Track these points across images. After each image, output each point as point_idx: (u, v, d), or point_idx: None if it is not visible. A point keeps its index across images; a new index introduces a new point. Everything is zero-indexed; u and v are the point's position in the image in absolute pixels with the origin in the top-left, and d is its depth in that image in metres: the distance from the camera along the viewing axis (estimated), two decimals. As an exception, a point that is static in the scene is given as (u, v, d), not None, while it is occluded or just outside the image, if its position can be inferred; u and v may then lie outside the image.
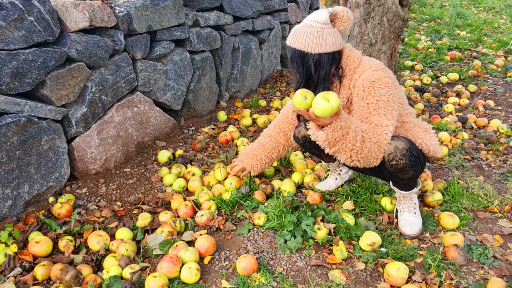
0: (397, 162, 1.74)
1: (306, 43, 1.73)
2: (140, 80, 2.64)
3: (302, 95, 1.62)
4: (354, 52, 1.85)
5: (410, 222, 1.94)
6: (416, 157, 1.75)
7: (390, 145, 1.72)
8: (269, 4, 4.05)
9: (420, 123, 1.93)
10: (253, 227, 2.00)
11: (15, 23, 1.84)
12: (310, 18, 1.76)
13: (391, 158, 1.74)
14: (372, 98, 1.73)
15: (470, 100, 3.72)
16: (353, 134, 1.64)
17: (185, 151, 2.81)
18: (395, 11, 2.74)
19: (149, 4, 2.56)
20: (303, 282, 1.68)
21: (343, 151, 1.68)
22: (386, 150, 1.73)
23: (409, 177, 1.81)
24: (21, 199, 2.02)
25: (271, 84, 4.30)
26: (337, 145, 1.66)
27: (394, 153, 1.73)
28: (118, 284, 1.59)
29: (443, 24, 7.21)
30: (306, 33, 1.73)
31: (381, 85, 1.73)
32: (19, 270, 1.69)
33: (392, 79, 1.80)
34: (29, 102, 1.98)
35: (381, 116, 1.72)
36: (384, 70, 1.78)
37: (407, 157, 1.72)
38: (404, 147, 1.72)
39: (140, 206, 2.23)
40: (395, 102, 1.76)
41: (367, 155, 1.70)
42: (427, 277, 1.66)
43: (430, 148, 1.84)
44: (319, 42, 1.73)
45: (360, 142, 1.65)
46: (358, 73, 1.80)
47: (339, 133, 1.62)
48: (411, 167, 1.76)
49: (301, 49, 1.75)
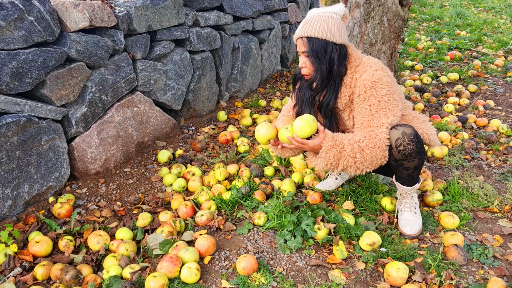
0: (405, 147, 1.71)
1: (331, 32, 1.67)
2: (140, 80, 2.64)
3: (284, 127, 1.76)
4: (355, 50, 1.85)
5: (410, 222, 1.94)
6: (422, 145, 1.76)
7: (398, 130, 1.71)
8: (269, 4, 4.05)
9: (418, 115, 1.95)
10: (253, 227, 2.00)
11: (15, 23, 1.84)
12: (324, 9, 1.72)
13: (398, 144, 1.71)
14: (374, 99, 1.73)
15: (470, 100, 3.72)
16: (349, 148, 1.69)
17: (185, 151, 2.81)
18: (395, 11, 2.74)
19: (149, 4, 2.56)
20: (303, 282, 1.68)
21: (349, 166, 1.73)
22: (393, 136, 1.71)
23: (414, 165, 1.78)
24: (21, 199, 2.02)
25: (271, 84, 4.30)
26: (340, 163, 1.72)
27: (402, 138, 1.70)
28: (118, 284, 1.59)
29: (443, 24, 7.21)
30: (329, 23, 1.68)
31: (382, 85, 1.72)
32: (19, 270, 1.69)
33: (391, 77, 1.81)
34: (29, 102, 1.98)
35: (381, 117, 1.72)
36: (383, 70, 1.79)
37: (414, 142, 1.71)
38: (411, 132, 1.71)
39: (140, 206, 2.23)
40: (396, 99, 1.77)
41: (372, 160, 1.71)
42: (427, 277, 1.66)
43: (430, 137, 1.86)
44: (342, 32, 1.71)
45: (359, 152, 1.69)
46: (359, 72, 1.79)
47: (334, 152, 1.69)
48: (418, 154, 1.74)
49: (324, 38, 1.68)
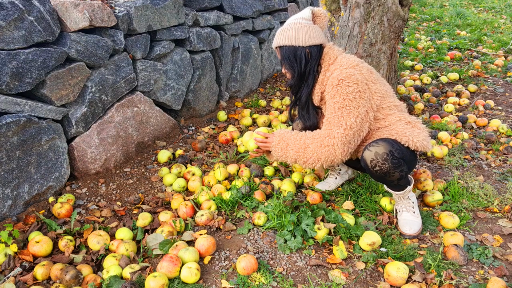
0: (380, 167, 1.77)
1: (296, 37, 1.84)
2: (140, 80, 2.64)
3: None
4: (332, 50, 1.90)
5: (409, 222, 1.94)
6: (399, 158, 1.76)
7: (370, 152, 1.77)
8: (269, 4, 4.05)
9: (407, 117, 1.91)
10: (253, 227, 2.00)
11: (15, 23, 1.84)
12: (294, 17, 1.87)
13: (373, 165, 1.77)
14: (339, 97, 1.78)
15: (470, 100, 3.72)
16: (294, 144, 1.89)
17: (185, 151, 2.81)
18: (395, 11, 2.73)
19: (149, 4, 2.56)
20: (303, 282, 1.68)
21: (295, 159, 1.90)
22: (367, 158, 1.78)
23: (397, 178, 1.82)
24: (21, 199, 2.02)
25: (271, 84, 4.30)
26: (288, 156, 1.92)
27: (375, 159, 1.76)
28: (118, 284, 1.59)
29: (443, 24, 7.21)
30: (295, 29, 1.84)
31: (348, 83, 1.76)
32: (19, 270, 1.69)
33: (366, 75, 1.82)
34: (29, 102, 1.98)
35: (343, 116, 1.78)
36: (356, 67, 1.81)
37: (388, 161, 1.74)
38: (384, 151, 1.74)
39: (140, 206, 2.23)
40: (364, 98, 1.78)
41: (319, 157, 1.83)
42: (427, 277, 1.66)
43: (417, 144, 1.82)
44: (308, 34, 1.85)
45: (303, 149, 1.86)
46: (330, 71, 1.86)
47: (281, 146, 1.92)
48: (396, 169, 1.77)
49: (292, 44, 1.84)
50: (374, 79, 1.85)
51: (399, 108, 1.94)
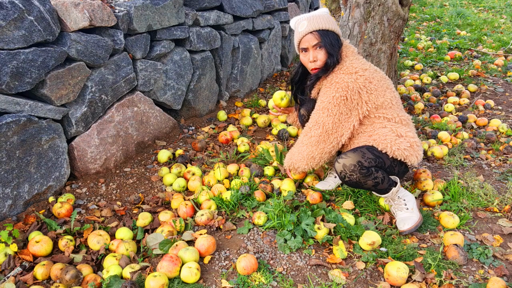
0: (350, 178, 1.85)
1: (336, 26, 1.94)
2: (140, 80, 2.64)
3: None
4: (347, 48, 1.99)
5: (404, 218, 1.94)
6: (369, 167, 1.81)
7: (339, 164, 1.85)
8: (269, 4, 4.05)
9: (394, 127, 1.88)
10: (253, 227, 2.00)
11: (15, 22, 1.84)
12: (321, 11, 1.96)
13: (343, 176, 1.86)
14: (325, 98, 1.88)
15: (470, 99, 3.72)
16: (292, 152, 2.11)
17: (185, 150, 2.81)
18: (395, 11, 2.73)
19: (149, 3, 2.56)
20: (303, 282, 1.68)
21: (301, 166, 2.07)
22: (337, 169, 1.87)
23: (372, 185, 1.86)
24: (21, 199, 2.02)
25: (271, 84, 4.30)
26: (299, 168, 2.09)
27: (344, 171, 1.84)
28: (118, 283, 1.59)
29: (443, 24, 7.21)
30: (333, 20, 1.94)
31: (338, 88, 1.83)
32: (19, 270, 1.69)
33: (360, 84, 1.84)
34: (29, 102, 1.98)
35: (322, 116, 1.89)
36: (352, 75, 1.84)
37: (356, 172, 1.81)
38: (351, 163, 1.81)
39: (140, 206, 2.23)
40: (348, 106, 1.85)
41: (302, 155, 2.01)
42: (427, 277, 1.66)
43: (396, 152, 1.84)
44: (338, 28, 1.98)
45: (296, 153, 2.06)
46: (334, 71, 1.93)
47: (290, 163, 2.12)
48: (366, 178, 1.82)
49: (335, 31, 1.92)
50: (371, 89, 1.86)
51: (395, 120, 1.92)
